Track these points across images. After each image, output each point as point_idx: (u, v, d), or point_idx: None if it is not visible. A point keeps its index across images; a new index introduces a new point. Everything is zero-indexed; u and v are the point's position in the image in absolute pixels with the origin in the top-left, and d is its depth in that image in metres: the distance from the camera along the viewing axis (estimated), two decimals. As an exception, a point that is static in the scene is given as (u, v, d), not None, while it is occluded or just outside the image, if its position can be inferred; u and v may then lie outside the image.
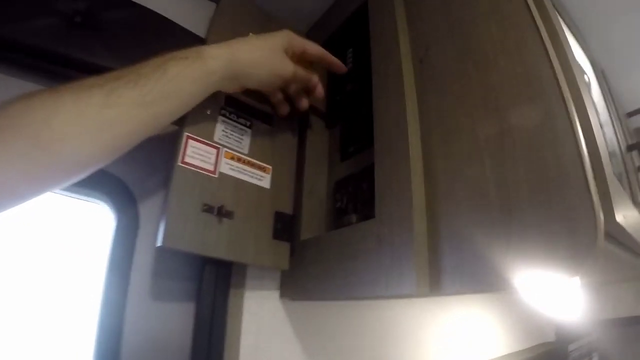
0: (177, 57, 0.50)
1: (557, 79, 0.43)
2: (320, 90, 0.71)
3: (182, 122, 0.62)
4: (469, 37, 0.53)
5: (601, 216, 0.37)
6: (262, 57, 0.60)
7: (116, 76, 0.44)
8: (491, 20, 0.51)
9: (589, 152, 0.40)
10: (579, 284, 0.39)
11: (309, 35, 0.91)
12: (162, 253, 0.65)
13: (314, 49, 0.69)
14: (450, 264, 0.47)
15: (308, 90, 0.73)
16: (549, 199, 0.40)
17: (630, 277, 1.13)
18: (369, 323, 0.90)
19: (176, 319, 0.65)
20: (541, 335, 1.53)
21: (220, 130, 0.66)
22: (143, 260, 0.64)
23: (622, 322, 1.45)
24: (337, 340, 0.82)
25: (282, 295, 0.74)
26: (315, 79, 0.70)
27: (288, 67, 0.63)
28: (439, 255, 0.48)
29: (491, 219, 0.44)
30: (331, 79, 0.84)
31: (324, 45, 0.82)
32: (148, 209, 0.66)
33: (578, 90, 0.46)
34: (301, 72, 0.66)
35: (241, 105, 0.70)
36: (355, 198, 0.67)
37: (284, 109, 0.72)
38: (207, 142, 0.63)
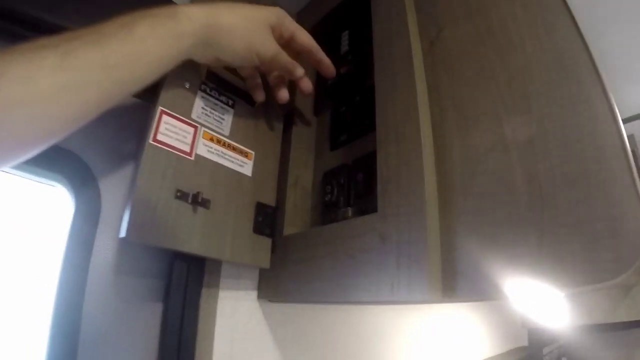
0: (147, 14, 0.43)
1: (594, 65, 0.39)
2: (306, 85, 0.63)
3: (156, 94, 0.54)
4: (490, 20, 0.48)
5: (648, 214, 0.32)
6: (243, 27, 0.52)
7: (74, 35, 0.37)
8: (516, 3, 0.46)
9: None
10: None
11: (301, 14, 0.84)
12: (126, 245, 0.57)
13: (304, 37, 0.61)
14: (467, 266, 0.41)
15: (292, 83, 0.65)
16: (589, 195, 0.35)
17: (615, 283, 1.15)
18: (352, 327, 0.84)
19: (141, 321, 0.57)
20: (515, 340, 1.52)
21: (200, 107, 0.58)
22: (104, 253, 0.55)
23: (596, 329, 1.48)
24: (317, 345, 0.76)
25: (260, 296, 0.67)
26: (300, 71, 0.61)
27: (270, 47, 0.55)
28: (454, 257, 0.42)
29: (519, 216, 0.39)
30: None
31: (317, 25, 0.77)
32: (112, 193, 0.57)
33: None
34: (284, 57, 0.58)
35: (224, 82, 0.63)
36: (348, 190, 0.61)
37: (259, 95, 0.64)
38: (184, 119, 0.55)
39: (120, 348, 0.55)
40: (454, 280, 0.42)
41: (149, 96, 0.54)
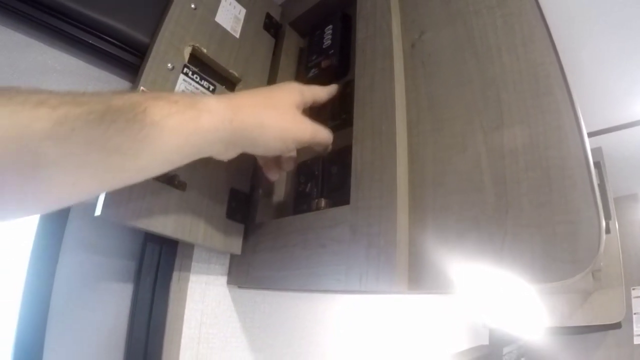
0: (164, 97, 0.37)
1: (565, 79, 0.41)
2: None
3: (138, 73, 0.54)
4: (471, 28, 0.50)
5: (603, 220, 0.35)
6: (274, 118, 0.46)
7: (77, 100, 0.31)
8: (497, 14, 0.49)
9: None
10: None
11: (286, 6, 0.84)
12: (99, 224, 0.57)
13: (323, 95, 0.58)
14: (434, 260, 0.43)
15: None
16: (551, 199, 0.37)
17: (575, 289, 1.19)
18: (318, 315, 0.86)
19: (111, 301, 0.57)
20: (476, 338, 1.56)
21: (180, 90, 0.58)
22: (76, 231, 0.55)
23: (556, 331, 1.53)
24: (283, 332, 0.77)
25: (230, 281, 0.68)
26: (331, 137, 0.56)
27: (306, 129, 0.50)
28: (422, 251, 0.44)
29: (485, 215, 0.41)
30: (304, 54, 0.79)
31: (301, 17, 0.78)
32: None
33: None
34: (320, 132, 0.53)
35: (206, 66, 0.63)
36: (322, 182, 0.62)
37: (275, 175, 0.58)
38: (165, 101, 0.55)
39: (90, 327, 0.54)
40: (419, 273, 0.43)
41: (135, 73, 0.55)
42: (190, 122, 0.38)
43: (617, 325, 1.37)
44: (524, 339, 1.80)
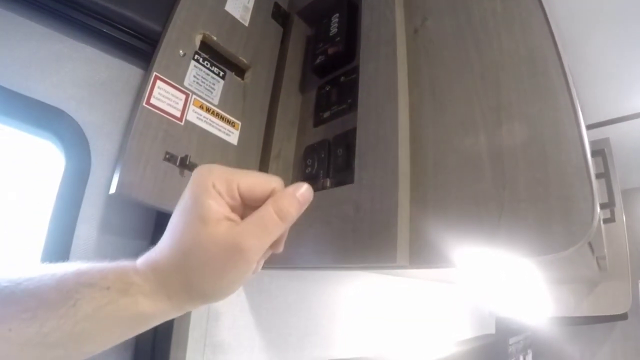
0: (94, 284, 0.32)
1: (561, 61, 0.42)
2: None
3: (151, 60, 0.56)
4: (471, 13, 0.52)
5: (597, 197, 0.36)
6: (207, 274, 0.34)
7: (9, 297, 0.29)
8: (497, 0, 0.50)
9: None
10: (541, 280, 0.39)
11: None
12: (112, 206, 0.59)
13: (246, 181, 0.36)
14: (434, 235, 0.44)
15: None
16: (547, 176, 0.39)
17: (580, 277, 1.20)
18: (322, 296, 0.87)
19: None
20: (482, 327, 1.57)
21: (192, 76, 0.60)
22: (91, 211, 0.57)
23: (563, 322, 1.53)
24: (288, 312, 0.79)
25: (238, 261, 0.69)
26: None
27: (249, 254, 0.34)
28: (423, 226, 0.46)
29: (483, 192, 0.42)
30: (311, 42, 0.81)
31: (308, 7, 0.79)
32: (102, 154, 0.59)
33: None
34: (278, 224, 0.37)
35: (217, 53, 0.65)
36: (328, 164, 0.64)
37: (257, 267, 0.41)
38: (177, 85, 0.58)
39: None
40: (420, 248, 0.45)
41: (148, 59, 0.57)
42: (129, 309, 0.32)
43: (623, 316, 1.37)
44: (531, 329, 1.80)
